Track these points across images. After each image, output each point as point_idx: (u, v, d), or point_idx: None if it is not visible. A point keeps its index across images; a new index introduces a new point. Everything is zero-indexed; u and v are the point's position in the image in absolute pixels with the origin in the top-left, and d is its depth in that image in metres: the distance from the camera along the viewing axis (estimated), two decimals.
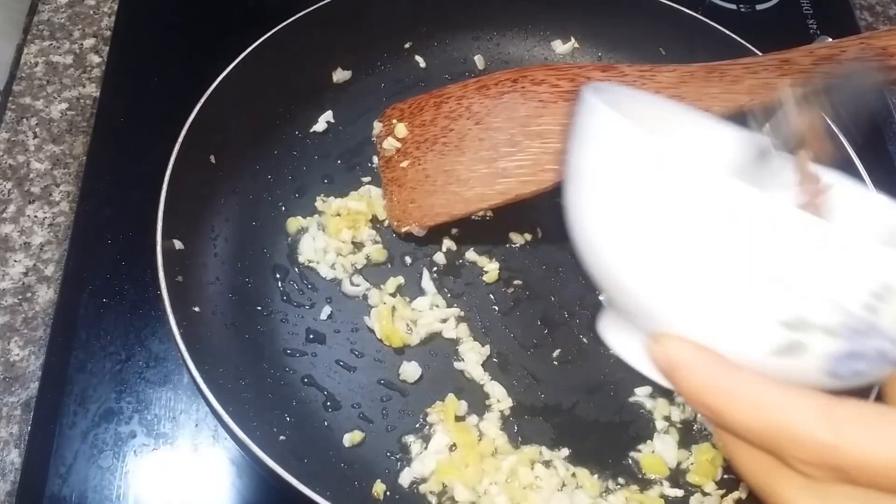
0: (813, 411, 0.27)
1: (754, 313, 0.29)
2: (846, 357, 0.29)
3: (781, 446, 0.28)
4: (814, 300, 0.28)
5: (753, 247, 0.28)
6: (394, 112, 0.75)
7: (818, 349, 0.29)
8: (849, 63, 0.45)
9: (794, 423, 0.27)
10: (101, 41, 0.85)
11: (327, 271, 0.68)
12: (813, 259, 0.28)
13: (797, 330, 0.29)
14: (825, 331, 0.29)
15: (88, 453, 0.60)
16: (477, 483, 0.58)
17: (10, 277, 0.70)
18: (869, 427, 0.27)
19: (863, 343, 0.29)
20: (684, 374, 0.29)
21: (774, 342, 0.29)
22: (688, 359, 0.29)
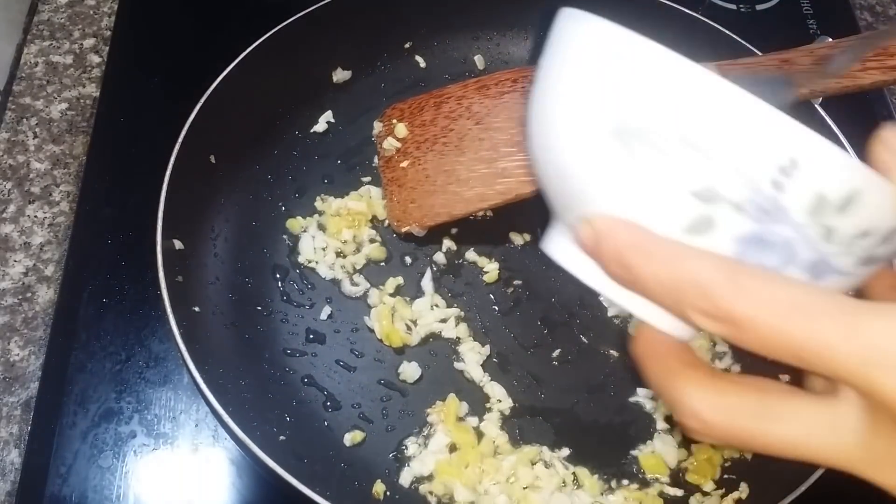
0: (719, 264, 0.29)
1: (669, 181, 0.30)
2: (753, 242, 0.30)
3: (685, 296, 0.29)
4: (723, 169, 0.29)
5: (669, 108, 0.29)
6: (394, 112, 0.75)
7: (727, 228, 0.30)
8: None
9: (698, 272, 0.29)
10: (101, 41, 0.85)
11: (327, 271, 0.68)
12: (725, 125, 0.29)
13: (707, 202, 0.29)
14: (733, 206, 0.29)
15: (88, 453, 0.60)
16: (477, 483, 0.59)
17: (10, 277, 0.70)
18: (768, 288, 0.28)
19: (770, 228, 0.29)
20: (607, 242, 0.31)
21: (687, 215, 0.30)
22: (611, 227, 0.31)
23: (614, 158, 0.31)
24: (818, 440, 0.30)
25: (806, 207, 0.29)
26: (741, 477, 0.60)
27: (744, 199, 0.29)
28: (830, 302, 0.28)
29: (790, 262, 0.30)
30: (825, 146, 0.29)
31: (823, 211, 0.29)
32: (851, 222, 0.29)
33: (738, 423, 0.31)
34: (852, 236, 0.30)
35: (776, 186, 0.29)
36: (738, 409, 0.31)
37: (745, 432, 0.31)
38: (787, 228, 0.29)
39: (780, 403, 0.30)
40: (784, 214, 0.29)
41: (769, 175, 0.29)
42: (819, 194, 0.29)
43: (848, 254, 0.30)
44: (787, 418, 0.30)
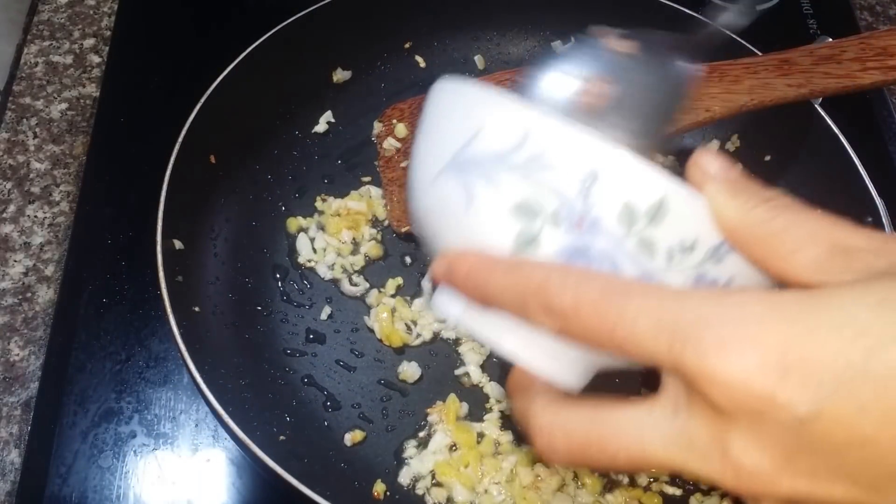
0: (551, 267, 0.31)
1: (494, 203, 0.33)
2: (576, 256, 0.31)
3: (526, 296, 0.31)
4: (534, 184, 0.32)
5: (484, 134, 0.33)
6: (394, 112, 0.75)
7: (549, 242, 0.32)
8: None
9: (533, 275, 0.31)
10: (101, 41, 0.85)
11: (327, 271, 0.68)
12: (530, 145, 0.32)
13: (527, 217, 0.32)
14: (551, 219, 0.31)
15: (88, 453, 0.60)
16: (476, 483, 0.59)
17: (10, 277, 0.70)
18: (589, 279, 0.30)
19: (587, 240, 0.31)
20: (458, 268, 0.34)
21: (512, 234, 0.32)
22: (459, 256, 0.34)
23: (454, 192, 0.34)
24: (648, 443, 0.30)
25: (616, 217, 0.31)
26: None
27: (558, 211, 0.31)
28: (640, 287, 0.30)
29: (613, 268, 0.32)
30: (622, 158, 0.31)
31: (634, 221, 0.31)
32: (667, 234, 0.31)
33: (576, 436, 0.32)
34: (673, 249, 0.31)
35: (584, 200, 0.31)
36: (574, 424, 0.32)
37: (584, 446, 0.32)
38: (603, 240, 0.31)
39: (611, 412, 0.31)
40: (597, 226, 0.31)
41: (575, 187, 0.31)
42: (626, 204, 0.31)
43: (676, 271, 0.32)
44: (619, 425, 0.31)
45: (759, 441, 0.27)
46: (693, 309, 0.28)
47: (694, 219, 0.31)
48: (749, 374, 0.26)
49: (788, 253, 0.30)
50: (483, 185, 0.33)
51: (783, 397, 0.26)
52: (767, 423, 0.27)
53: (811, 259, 0.30)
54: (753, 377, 0.26)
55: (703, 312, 0.28)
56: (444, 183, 0.34)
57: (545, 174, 0.31)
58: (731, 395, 0.27)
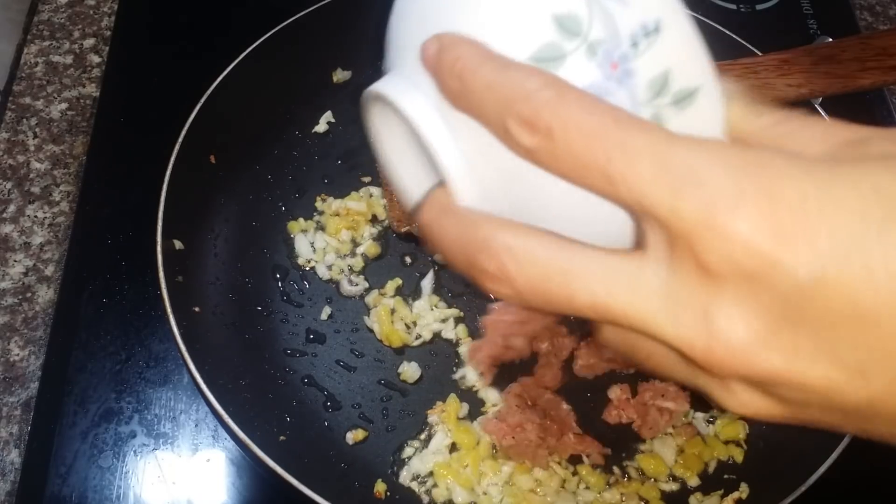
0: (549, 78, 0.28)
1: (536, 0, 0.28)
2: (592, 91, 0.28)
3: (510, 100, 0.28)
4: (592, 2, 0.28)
5: None
6: None
7: (573, 69, 0.28)
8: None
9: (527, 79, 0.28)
10: (101, 41, 0.85)
11: (326, 272, 0.68)
12: None
13: (564, 32, 0.28)
14: (588, 48, 0.28)
15: (88, 453, 0.60)
16: (475, 484, 0.59)
17: (10, 277, 0.70)
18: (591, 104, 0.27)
19: (611, 88, 0.28)
20: (449, 52, 0.29)
21: (538, 42, 0.28)
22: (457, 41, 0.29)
23: None
24: (617, 290, 0.27)
25: (649, 82, 0.28)
26: (741, 477, 0.60)
27: (600, 43, 0.28)
28: (648, 125, 0.27)
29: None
30: (691, 28, 0.28)
31: (661, 94, 0.28)
32: (681, 121, 0.29)
33: (536, 264, 0.28)
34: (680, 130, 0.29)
35: (633, 44, 0.28)
36: (536, 249, 0.28)
37: (542, 278, 0.28)
38: (625, 97, 0.28)
39: (583, 255, 0.28)
40: (629, 79, 0.28)
41: (632, 28, 0.28)
42: (666, 73, 0.28)
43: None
44: (588, 263, 0.28)
45: (746, 309, 0.25)
46: (707, 156, 0.25)
47: (711, 118, 0.29)
48: (756, 231, 0.24)
49: (800, 151, 0.28)
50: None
51: (787, 259, 0.24)
52: (762, 288, 0.25)
53: (824, 152, 0.28)
54: (760, 235, 0.24)
55: (719, 160, 0.25)
56: None
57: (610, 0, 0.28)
58: (730, 254, 0.24)
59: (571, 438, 0.60)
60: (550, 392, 0.62)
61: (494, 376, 0.63)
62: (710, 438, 0.62)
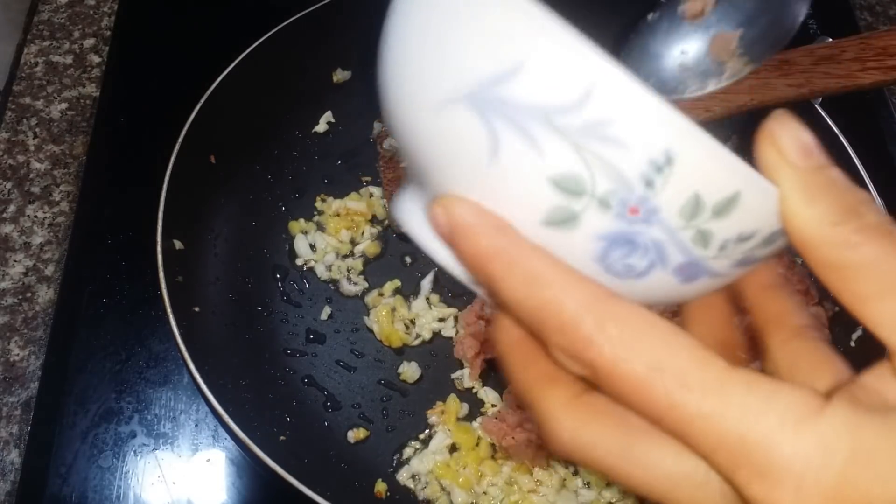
0: (583, 297, 0.26)
1: (527, 165, 0.26)
2: (620, 243, 0.26)
3: (545, 327, 0.26)
4: (587, 157, 0.25)
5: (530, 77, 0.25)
6: None
7: (590, 225, 0.26)
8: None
9: (560, 303, 0.26)
10: (101, 41, 0.85)
11: (326, 271, 0.68)
12: (594, 107, 0.25)
13: (568, 193, 0.26)
14: (598, 201, 0.26)
15: (88, 453, 0.60)
16: (475, 485, 0.59)
17: (10, 277, 0.70)
18: (632, 329, 0.25)
19: (638, 229, 0.26)
20: (466, 238, 0.27)
21: (545, 206, 0.26)
22: (470, 221, 0.27)
23: (471, 131, 0.26)
24: (685, 497, 0.26)
25: (680, 210, 0.26)
26: None
27: (611, 194, 0.25)
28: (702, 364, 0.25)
29: (660, 265, 0.27)
30: (705, 141, 0.25)
31: (699, 214, 0.26)
32: (729, 226, 0.26)
33: (598, 458, 0.27)
34: (729, 241, 0.27)
35: (647, 184, 0.25)
36: (599, 446, 0.27)
37: (606, 469, 0.27)
38: (658, 231, 0.26)
39: (645, 449, 0.27)
40: (655, 216, 0.26)
41: (640, 169, 0.25)
42: (695, 196, 0.26)
43: (724, 257, 0.27)
44: (651, 465, 0.27)
45: None
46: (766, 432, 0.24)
47: (762, 211, 0.27)
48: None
49: (869, 297, 0.25)
50: (516, 137, 0.25)
51: None
52: None
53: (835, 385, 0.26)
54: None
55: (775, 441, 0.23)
56: (456, 115, 0.26)
57: (606, 148, 0.25)
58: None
59: None
60: None
61: (494, 376, 0.64)
62: None
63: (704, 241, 0.26)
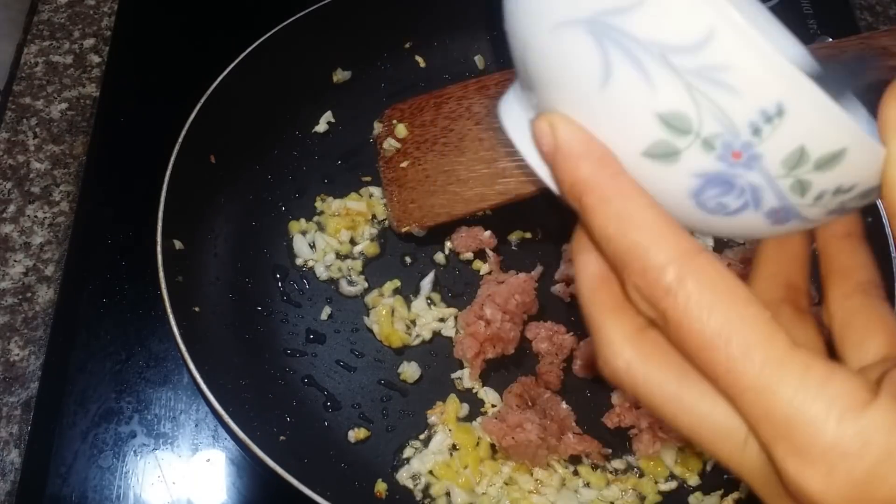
0: (671, 247, 0.26)
1: (638, 96, 0.26)
2: (717, 182, 0.27)
3: (627, 266, 0.27)
4: (700, 99, 0.26)
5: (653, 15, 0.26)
6: (394, 112, 0.75)
7: (692, 162, 0.27)
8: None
9: (647, 248, 0.26)
10: (101, 41, 0.85)
11: (326, 271, 0.68)
12: (710, 51, 0.25)
13: (674, 130, 0.26)
14: (703, 142, 0.26)
15: (88, 453, 0.60)
16: (475, 485, 0.59)
17: (10, 277, 0.70)
18: (711, 290, 0.26)
19: (738, 172, 0.27)
20: (568, 162, 0.28)
21: (648, 139, 0.27)
22: (575, 146, 0.28)
23: (586, 53, 0.27)
24: (725, 450, 0.28)
25: (783, 160, 0.26)
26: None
27: (716, 137, 0.26)
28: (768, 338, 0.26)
29: (753, 206, 0.28)
30: (818, 97, 0.26)
31: (801, 165, 0.26)
32: (830, 180, 0.27)
33: (648, 392, 0.28)
34: (827, 192, 0.27)
35: (755, 132, 0.26)
36: (653, 382, 0.28)
37: (654, 405, 0.28)
38: (757, 176, 0.27)
39: (696, 398, 0.28)
40: (757, 162, 0.26)
41: (750, 117, 0.26)
42: (800, 148, 0.26)
43: (819, 206, 0.28)
44: (699, 414, 0.28)
45: None
46: (813, 415, 0.25)
47: (864, 170, 0.27)
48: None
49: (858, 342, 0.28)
50: (630, 68, 0.26)
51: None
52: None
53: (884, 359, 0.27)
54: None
55: (819, 426, 0.25)
56: (572, 37, 0.27)
57: (718, 91, 0.25)
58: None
59: (571, 438, 0.60)
60: (550, 392, 0.62)
61: (494, 376, 0.64)
62: None
63: (802, 190, 0.27)
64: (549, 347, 0.64)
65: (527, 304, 0.64)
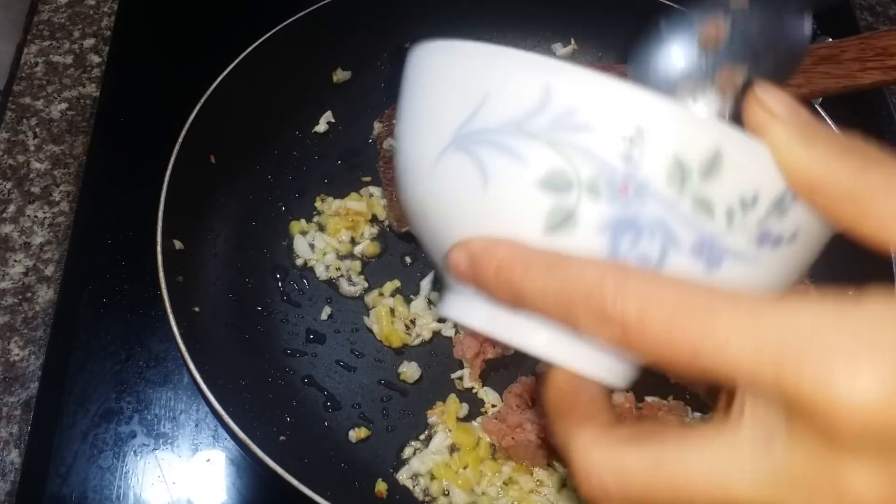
0: (598, 265, 0.27)
1: (515, 178, 0.28)
2: (624, 229, 0.27)
3: (572, 300, 0.27)
4: (565, 149, 0.27)
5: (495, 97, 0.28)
6: (394, 112, 0.75)
7: (589, 217, 0.27)
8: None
9: (580, 274, 0.27)
10: (101, 41, 0.85)
11: (326, 272, 0.68)
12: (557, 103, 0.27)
13: (557, 190, 0.27)
14: (588, 189, 0.27)
15: (88, 453, 0.60)
16: (475, 485, 0.59)
17: (10, 277, 0.70)
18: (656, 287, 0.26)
19: (635, 209, 0.27)
20: (484, 262, 0.29)
21: (542, 213, 0.28)
22: (484, 246, 0.29)
23: (463, 171, 0.29)
24: (734, 483, 0.25)
25: (667, 178, 0.27)
26: None
27: (596, 178, 0.27)
28: (726, 296, 0.25)
29: (673, 247, 0.27)
30: (672, 108, 0.27)
31: (687, 179, 0.27)
32: (724, 189, 0.27)
33: (633, 481, 0.27)
34: (733, 207, 0.27)
35: (627, 159, 0.26)
36: (632, 467, 0.27)
37: (647, 493, 0.27)
38: (653, 206, 0.27)
39: (679, 449, 0.27)
40: (646, 191, 0.27)
41: (616, 147, 0.26)
42: (677, 161, 0.26)
43: (738, 232, 0.28)
44: (693, 465, 0.26)
45: (886, 473, 0.23)
46: (806, 323, 0.23)
47: (754, 168, 0.27)
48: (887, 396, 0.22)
49: (889, 217, 0.25)
50: (500, 158, 0.28)
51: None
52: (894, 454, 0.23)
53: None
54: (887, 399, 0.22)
55: (822, 326, 0.23)
56: (448, 163, 0.29)
57: (576, 136, 0.27)
58: (861, 423, 0.23)
59: None
60: None
61: (494, 376, 0.64)
62: None
63: (706, 210, 0.27)
64: None
65: None
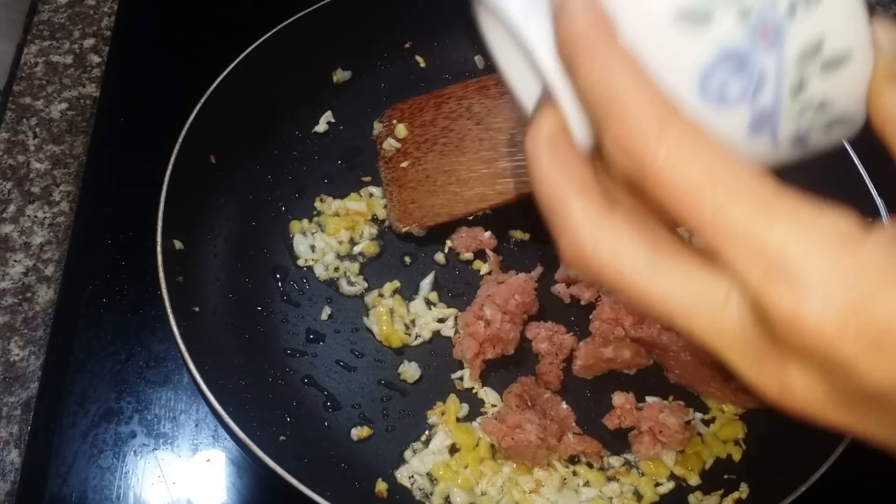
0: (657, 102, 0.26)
1: None
2: (732, 59, 0.27)
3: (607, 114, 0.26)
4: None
5: None
6: (394, 112, 0.75)
7: (719, 30, 0.27)
8: None
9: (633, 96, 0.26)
10: (101, 41, 0.85)
11: (326, 272, 0.68)
12: None
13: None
14: (740, 10, 0.27)
15: (88, 453, 0.60)
16: (475, 485, 0.59)
17: (10, 277, 0.70)
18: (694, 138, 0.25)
19: (756, 52, 0.27)
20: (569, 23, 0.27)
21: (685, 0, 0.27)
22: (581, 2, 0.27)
23: None
24: (701, 318, 0.27)
25: (801, 48, 0.27)
26: (741, 477, 0.60)
27: (754, 6, 0.27)
28: (754, 182, 0.25)
29: (750, 98, 0.28)
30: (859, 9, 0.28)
31: (811, 61, 0.28)
32: (824, 87, 0.28)
33: (617, 272, 0.27)
34: (813, 104, 0.29)
35: (791, 11, 0.27)
36: (622, 259, 0.27)
37: (624, 284, 0.27)
38: (772, 60, 0.27)
39: (669, 267, 0.27)
40: (779, 44, 0.27)
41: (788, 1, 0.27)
42: (819, 42, 0.27)
43: (797, 121, 0.29)
44: (673, 284, 0.27)
45: (818, 381, 0.25)
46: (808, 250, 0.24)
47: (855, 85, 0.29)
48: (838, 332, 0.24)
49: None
50: None
51: (863, 367, 0.24)
52: (836, 375, 0.25)
53: None
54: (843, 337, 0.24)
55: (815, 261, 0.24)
56: None
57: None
58: (813, 345, 0.24)
59: (571, 439, 0.60)
60: (550, 392, 0.62)
61: (494, 376, 0.64)
62: (708, 438, 0.62)
63: (797, 91, 0.28)
64: (549, 347, 0.64)
65: (526, 305, 0.64)
